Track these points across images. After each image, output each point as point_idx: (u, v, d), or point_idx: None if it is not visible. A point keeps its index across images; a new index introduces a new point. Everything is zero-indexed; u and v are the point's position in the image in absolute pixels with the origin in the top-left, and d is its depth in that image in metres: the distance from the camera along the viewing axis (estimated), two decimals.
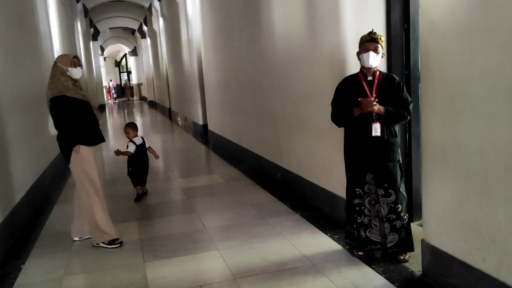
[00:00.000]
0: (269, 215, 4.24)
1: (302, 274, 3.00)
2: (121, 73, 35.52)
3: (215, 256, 3.39)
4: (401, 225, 3.04)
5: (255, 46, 5.75)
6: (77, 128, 3.61)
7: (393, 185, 3.00)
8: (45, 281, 3.19)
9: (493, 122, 2.14)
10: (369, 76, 3.02)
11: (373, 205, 3.10)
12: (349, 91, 3.07)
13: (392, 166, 3.00)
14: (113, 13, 20.77)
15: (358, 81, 3.04)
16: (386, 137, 2.99)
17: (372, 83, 3.01)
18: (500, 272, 2.20)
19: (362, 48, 2.99)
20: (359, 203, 3.12)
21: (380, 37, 2.97)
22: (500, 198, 2.15)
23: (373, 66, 2.98)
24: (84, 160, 3.64)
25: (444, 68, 2.43)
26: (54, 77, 3.60)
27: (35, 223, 4.51)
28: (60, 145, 3.67)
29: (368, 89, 3.00)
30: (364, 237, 3.13)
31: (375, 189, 3.06)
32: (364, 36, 3.01)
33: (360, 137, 3.03)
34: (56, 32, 9.00)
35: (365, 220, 3.12)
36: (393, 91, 3.00)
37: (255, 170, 6.12)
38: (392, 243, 3.06)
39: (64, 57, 3.75)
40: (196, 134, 10.65)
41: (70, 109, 3.57)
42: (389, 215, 3.03)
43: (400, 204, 3.02)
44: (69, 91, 3.57)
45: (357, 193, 3.11)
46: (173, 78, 14.48)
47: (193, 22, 10.19)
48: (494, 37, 2.09)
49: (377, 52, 2.94)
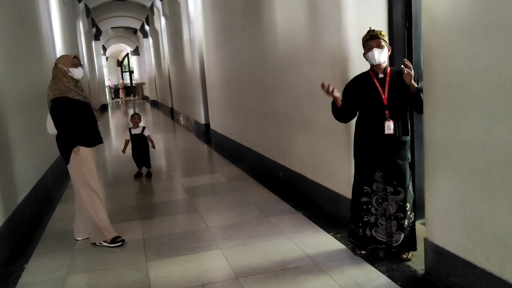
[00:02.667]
0: (272, 214, 4.24)
1: (305, 273, 3.00)
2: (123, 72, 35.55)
3: (217, 255, 3.39)
4: (408, 223, 3.03)
5: (257, 45, 5.74)
6: (77, 130, 3.62)
7: (402, 183, 2.98)
8: (48, 280, 3.20)
9: (496, 120, 2.13)
10: (380, 73, 2.99)
11: (380, 204, 3.07)
12: (360, 90, 3.04)
13: (402, 164, 2.98)
14: (115, 12, 20.78)
15: (369, 79, 3.02)
16: (398, 134, 2.96)
17: (384, 80, 2.98)
18: (503, 270, 2.19)
19: (366, 48, 2.99)
20: (367, 202, 3.09)
21: (380, 32, 2.95)
22: (503, 196, 2.14)
23: (382, 61, 2.95)
24: (83, 161, 3.66)
25: (447, 66, 2.42)
26: (56, 78, 3.61)
27: (38, 222, 4.52)
28: (59, 145, 3.69)
29: (380, 87, 2.97)
30: (370, 236, 3.11)
31: (383, 187, 3.03)
32: (364, 36, 3.00)
33: (372, 135, 3.00)
34: (58, 32, 9.01)
35: (372, 219, 3.10)
36: (406, 87, 2.90)
37: (257, 169, 6.11)
38: (398, 242, 3.04)
39: (64, 58, 3.75)
40: (198, 134, 10.65)
41: (71, 111, 3.58)
42: (397, 213, 3.02)
43: (408, 202, 3.01)
44: (71, 92, 3.58)
45: (365, 191, 3.09)
46: (175, 78, 14.48)
47: (195, 21, 10.19)
48: (497, 34, 2.08)
49: (381, 47, 2.92)
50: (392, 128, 2.93)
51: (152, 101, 23.35)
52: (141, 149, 6.27)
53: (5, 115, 4.30)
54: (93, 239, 3.78)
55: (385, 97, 2.95)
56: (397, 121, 2.96)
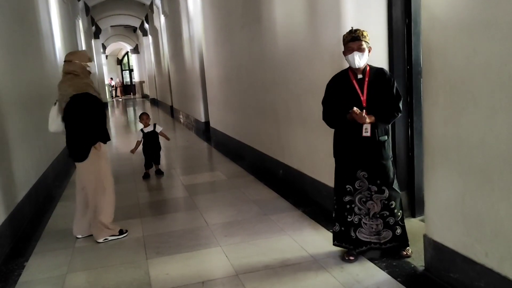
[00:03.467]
0: (271, 211, 4.24)
1: (304, 270, 3.00)
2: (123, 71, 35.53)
3: (217, 253, 3.40)
4: (394, 221, 2.99)
5: (256, 42, 5.74)
6: (98, 126, 3.65)
7: (386, 182, 2.95)
8: (48, 278, 3.20)
9: (495, 116, 2.13)
10: (359, 74, 2.93)
11: (364, 203, 3.01)
12: (339, 90, 2.99)
13: (385, 163, 2.94)
14: (115, 11, 20.76)
15: (348, 79, 2.96)
16: (377, 137, 2.92)
17: (363, 81, 2.93)
18: (502, 266, 2.20)
19: (346, 49, 2.90)
20: (350, 201, 3.03)
21: (362, 33, 2.85)
22: (502, 192, 2.14)
23: (361, 66, 2.89)
24: (103, 156, 3.73)
25: (446, 63, 2.42)
26: (72, 73, 3.59)
27: (38, 221, 4.52)
28: (74, 142, 3.65)
29: (358, 88, 2.92)
30: (355, 238, 3.04)
31: (367, 186, 2.99)
32: (345, 35, 2.91)
33: (351, 137, 2.96)
34: (58, 31, 9.00)
35: (355, 219, 3.03)
36: (384, 87, 2.91)
37: (257, 167, 6.12)
38: (386, 239, 3.01)
39: (80, 53, 3.75)
40: (198, 132, 10.65)
41: (92, 107, 3.59)
42: (383, 212, 2.99)
43: (394, 200, 2.97)
44: (91, 88, 3.61)
45: (347, 190, 3.03)
46: (175, 76, 14.47)
47: (195, 19, 10.18)
48: (496, 30, 2.08)
49: (361, 50, 2.84)
50: (370, 130, 2.87)
51: (152, 99, 23.35)
52: (154, 146, 6.22)
53: (5, 113, 4.30)
54: (98, 237, 3.78)
55: (363, 99, 2.90)
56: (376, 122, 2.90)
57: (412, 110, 3.57)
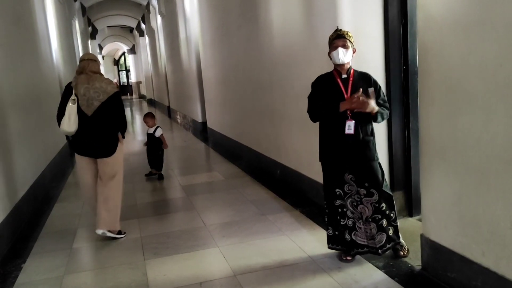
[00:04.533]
0: (269, 211, 4.25)
1: (302, 270, 3.01)
2: (120, 71, 35.45)
3: (215, 253, 3.40)
4: (387, 223, 2.98)
5: (253, 42, 5.74)
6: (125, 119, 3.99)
7: (374, 184, 2.93)
8: (46, 279, 3.20)
9: (491, 116, 2.14)
10: (343, 74, 2.95)
11: (355, 207, 2.99)
12: (324, 88, 3.00)
13: (371, 165, 2.92)
14: (111, 11, 20.70)
15: (332, 79, 2.98)
16: (361, 135, 2.91)
17: (347, 81, 2.94)
18: (499, 265, 2.21)
19: (331, 47, 2.95)
20: (341, 205, 3.02)
21: (346, 33, 2.92)
22: (498, 192, 2.16)
23: (345, 62, 2.90)
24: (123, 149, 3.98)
25: (442, 63, 2.43)
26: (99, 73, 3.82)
27: (35, 222, 4.52)
28: (108, 139, 3.79)
29: (343, 86, 2.93)
30: (350, 240, 3.04)
31: (356, 190, 2.97)
32: (331, 35, 2.97)
33: (334, 135, 2.94)
34: (54, 31, 8.97)
35: (349, 222, 3.02)
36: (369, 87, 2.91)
37: (254, 167, 6.12)
38: (381, 243, 2.98)
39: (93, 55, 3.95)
40: (196, 132, 10.65)
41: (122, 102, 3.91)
42: (374, 215, 2.96)
43: (384, 202, 2.95)
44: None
45: (337, 194, 3.01)
46: (172, 76, 14.46)
47: (191, 19, 10.17)
48: (492, 30, 2.09)
49: (346, 47, 2.88)
50: (353, 128, 2.87)
51: (149, 100, 23.32)
52: (153, 150, 6.09)
53: (2, 114, 4.29)
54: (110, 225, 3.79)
55: (347, 97, 2.90)
56: (359, 121, 2.89)
57: (409, 110, 3.58)
